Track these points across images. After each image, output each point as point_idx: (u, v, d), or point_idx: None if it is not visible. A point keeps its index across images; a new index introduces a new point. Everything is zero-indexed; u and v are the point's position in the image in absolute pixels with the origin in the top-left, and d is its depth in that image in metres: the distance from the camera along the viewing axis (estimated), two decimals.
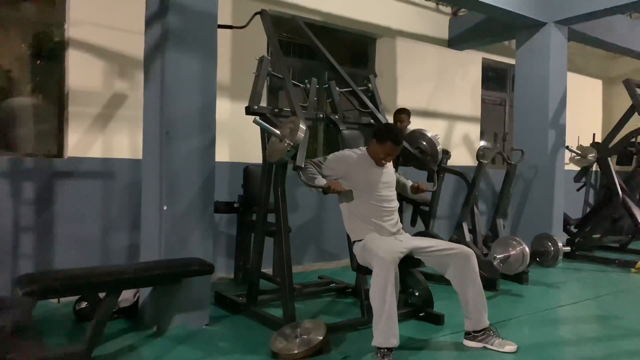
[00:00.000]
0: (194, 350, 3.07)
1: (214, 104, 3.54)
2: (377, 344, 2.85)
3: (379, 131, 3.34)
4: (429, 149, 4.14)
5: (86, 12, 4.30)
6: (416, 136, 4.23)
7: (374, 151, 3.30)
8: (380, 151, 3.26)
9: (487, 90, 7.70)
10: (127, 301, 3.56)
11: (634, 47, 7.31)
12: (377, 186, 3.30)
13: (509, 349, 3.09)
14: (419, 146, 4.14)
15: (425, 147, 4.14)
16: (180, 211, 3.39)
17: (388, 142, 3.23)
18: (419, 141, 4.18)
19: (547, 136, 6.12)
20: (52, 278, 2.84)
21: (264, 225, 3.77)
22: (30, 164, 4.11)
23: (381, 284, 2.85)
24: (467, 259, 3.13)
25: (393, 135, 3.27)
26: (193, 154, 3.44)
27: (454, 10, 6.99)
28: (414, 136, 4.24)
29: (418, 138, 4.21)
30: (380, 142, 3.25)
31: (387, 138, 3.24)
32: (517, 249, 4.41)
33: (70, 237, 4.22)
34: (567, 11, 5.88)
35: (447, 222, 6.62)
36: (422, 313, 3.69)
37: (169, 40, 3.34)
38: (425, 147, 4.14)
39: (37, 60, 4.37)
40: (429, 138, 4.16)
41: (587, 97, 8.91)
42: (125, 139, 4.50)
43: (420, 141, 4.18)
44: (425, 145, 4.15)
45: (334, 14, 5.83)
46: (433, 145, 4.13)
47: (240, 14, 5.13)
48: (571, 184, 6.97)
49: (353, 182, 3.27)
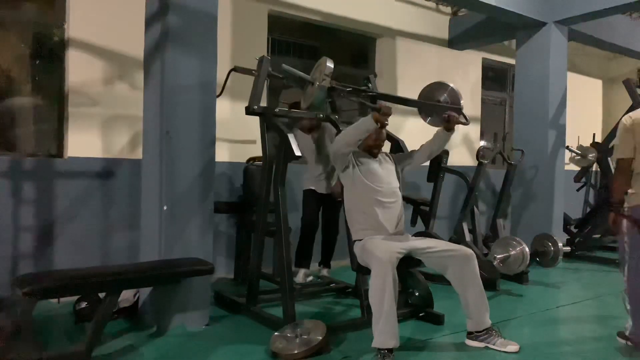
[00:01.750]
0: (193, 350, 3.07)
1: (214, 104, 3.54)
2: (376, 345, 2.85)
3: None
4: (450, 100, 3.86)
5: (86, 12, 4.30)
6: (434, 88, 3.96)
7: (363, 143, 3.35)
8: (368, 139, 3.33)
9: (487, 90, 7.70)
10: (127, 301, 3.56)
11: (634, 47, 7.31)
12: (377, 174, 3.32)
13: (511, 348, 3.09)
14: (438, 99, 3.89)
15: (446, 98, 3.87)
16: (180, 211, 3.39)
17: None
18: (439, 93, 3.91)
19: (547, 136, 6.12)
20: (52, 278, 2.84)
21: (264, 225, 3.77)
22: (30, 164, 4.11)
23: (380, 284, 2.85)
24: (467, 260, 3.14)
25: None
26: (193, 154, 3.44)
27: (454, 10, 6.99)
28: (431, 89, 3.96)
29: (436, 90, 3.94)
30: None
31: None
32: (517, 249, 4.41)
33: (70, 237, 4.22)
34: (567, 11, 5.88)
35: (447, 222, 6.61)
36: (422, 313, 3.69)
37: (169, 40, 3.34)
38: (446, 98, 3.87)
39: (37, 60, 4.37)
40: (451, 88, 3.89)
41: (587, 97, 8.91)
42: (125, 139, 4.50)
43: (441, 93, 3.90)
44: (446, 96, 3.87)
45: (334, 14, 5.83)
46: (454, 95, 3.86)
47: (241, 14, 5.14)
48: (571, 184, 6.97)
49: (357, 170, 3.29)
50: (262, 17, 5.34)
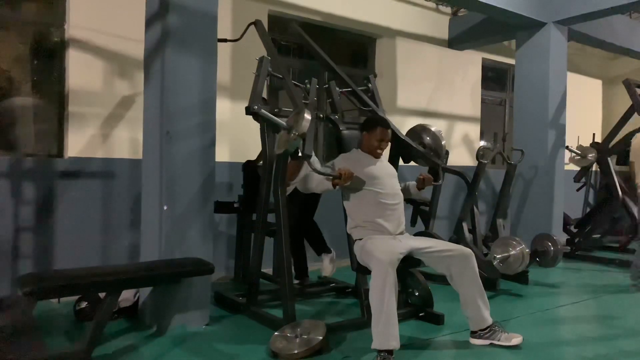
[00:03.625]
0: (194, 350, 3.07)
1: (214, 104, 3.54)
2: (376, 346, 2.84)
3: (365, 123, 3.51)
4: (433, 143, 4.01)
5: (86, 13, 4.30)
6: (418, 131, 4.10)
7: (367, 143, 3.40)
8: (373, 139, 3.37)
9: (487, 90, 7.70)
10: (127, 301, 3.56)
11: (634, 47, 7.31)
12: (379, 176, 3.33)
13: (516, 341, 3.13)
14: (422, 141, 3.99)
15: (429, 142, 3.99)
16: (180, 211, 3.39)
17: (377, 128, 3.38)
18: (422, 136, 4.02)
19: (547, 136, 6.12)
20: (52, 278, 2.84)
21: (264, 225, 3.77)
22: (31, 164, 4.11)
23: (379, 285, 2.84)
24: (466, 259, 3.14)
25: (379, 120, 3.49)
26: (193, 154, 3.44)
27: (454, 10, 6.99)
28: (416, 131, 4.11)
29: (421, 132, 4.06)
30: (370, 131, 3.39)
31: (375, 125, 3.40)
32: (517, 249, 4.40)
33: (70, 237, 4.22)
34: (567, 11, 5.88)
35: (447, 222, 6.61)
36: (422, 313, 3.69)
37: (169, 40, 3.34)
38: (429, 142, 3.99)
39: (37, 60, 4.37)
40: (433, 132, 4.01)
41: (587, 97, 8.91)
42: (126, 139, 4.50)
43: (424, 136, 4.04)
44: (429, 140, 4.00)
45: (334, 14, 5.83)
46: (437, 139, 3.98)
47: (241, 14, 5.14)
48: (571, 184, 6.97)
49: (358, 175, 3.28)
50: (262, 17, 5.32)
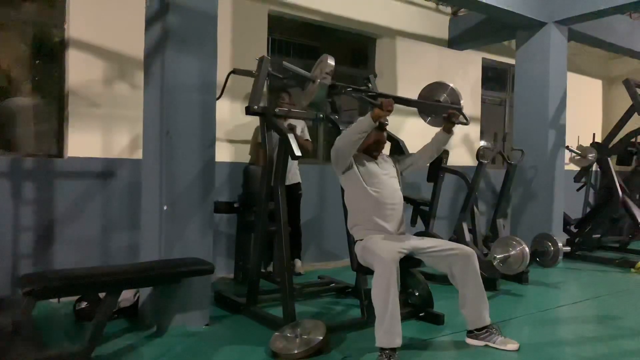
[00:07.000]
0: (194, 350, 3.07)
1: (214, 104, 3.54)
2: (381, 344, 2.84)
3: None
4: (450, 99, 3.78)
5: (86, 12, 4.30)
6: (434, 88, 3.88)
7: (363, 145, 3.34)
8: (367, 139, 3.31)
9: (487, 90, 7.70)
10: (127, 301, 3.56)
11: (634, 47, 7.31)
12: (379, 175, 3.33)
13: (511, 347, 3.10)
14: (438, 99, 3.81)
15: (446, 98, 3.79)
16: (180, 211, 3.39)
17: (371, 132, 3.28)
18: (438, 93, 3.83)
19: (547, 136, 6.12)
20: (52, 278, 2.83)
21: (264, 225, 3.77)
22: (30, 164, 4.11)
23: (383, 284, 2.84)
24: (468, 259, 3.14)
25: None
26: (193, 154, 3.44)
27: (454, 10, 6.99)
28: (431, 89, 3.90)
29: (436, 90, 3.86)
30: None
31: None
32: (517, 249, 4.40)
33: (70, 237, 4.22)
34: (567, 11, 5.88)
35: (447, 222, 6.61)
36: (422, 313, 3.69)
37: (169, 40, 3.34)
38: (446, 98, 3.79)
39: (37, 60, 4.37)
40: (451, 88, 3.81)
41: (587, 97, 8.90)
42: (125, 139, 4.50)
43: (440, 93, 3.82)
44: (446, 97, 3.80)
45: (334, 14, 5.83)
46: (454, 95, 3.77)
47: (241, 14, 5.14)
48: (571, 184, 6.97)
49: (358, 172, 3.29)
50: (262, 17, 5.34)
